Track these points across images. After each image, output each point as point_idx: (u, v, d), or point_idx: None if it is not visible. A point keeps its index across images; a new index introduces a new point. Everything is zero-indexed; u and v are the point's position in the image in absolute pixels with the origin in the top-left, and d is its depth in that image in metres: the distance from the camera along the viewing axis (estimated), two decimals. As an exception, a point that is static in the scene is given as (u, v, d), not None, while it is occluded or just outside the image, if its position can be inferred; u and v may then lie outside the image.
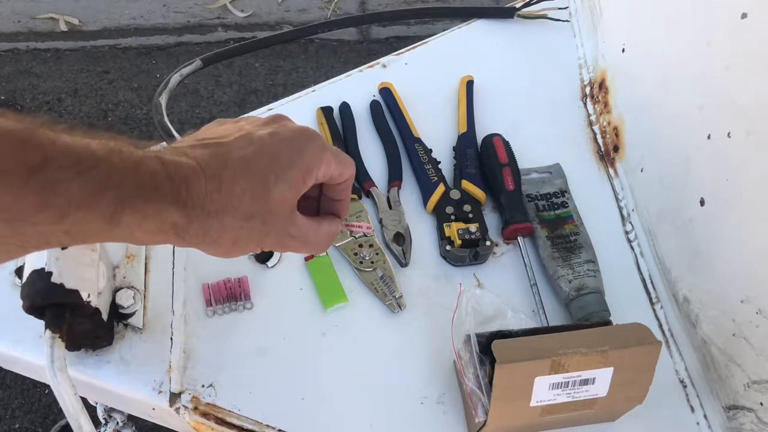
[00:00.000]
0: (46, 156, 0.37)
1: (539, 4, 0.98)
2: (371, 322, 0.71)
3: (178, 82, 0.83)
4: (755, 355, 0.61)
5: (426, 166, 0.80)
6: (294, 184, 0.47)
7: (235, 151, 0.45)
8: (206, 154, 0.44)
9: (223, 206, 0.44)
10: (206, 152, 0.44)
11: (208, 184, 0.43)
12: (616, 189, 0.82)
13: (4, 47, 2.12)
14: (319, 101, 0.86)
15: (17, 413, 1.45)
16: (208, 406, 0.64)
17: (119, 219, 0.40)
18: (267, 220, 0.46)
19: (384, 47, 2.15)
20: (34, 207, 0.37)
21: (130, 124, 1.94)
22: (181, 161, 0.43)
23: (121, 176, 0.40)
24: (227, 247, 0.47)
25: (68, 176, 0.38)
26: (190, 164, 0.43)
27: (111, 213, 0.39)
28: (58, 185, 0.37)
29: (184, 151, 0.44)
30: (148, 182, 0.41)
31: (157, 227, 0.42)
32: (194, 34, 2.19)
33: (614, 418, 0.65)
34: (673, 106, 0.74)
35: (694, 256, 0.69)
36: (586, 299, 0.70)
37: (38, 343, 0.58)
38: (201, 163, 0.43)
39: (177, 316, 0.68)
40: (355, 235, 0.75)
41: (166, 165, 0.42)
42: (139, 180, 0.40)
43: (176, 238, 0.44)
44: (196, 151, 0.44)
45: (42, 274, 0.56)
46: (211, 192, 0.43)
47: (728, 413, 0.65)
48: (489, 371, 0.58)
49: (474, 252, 0.74)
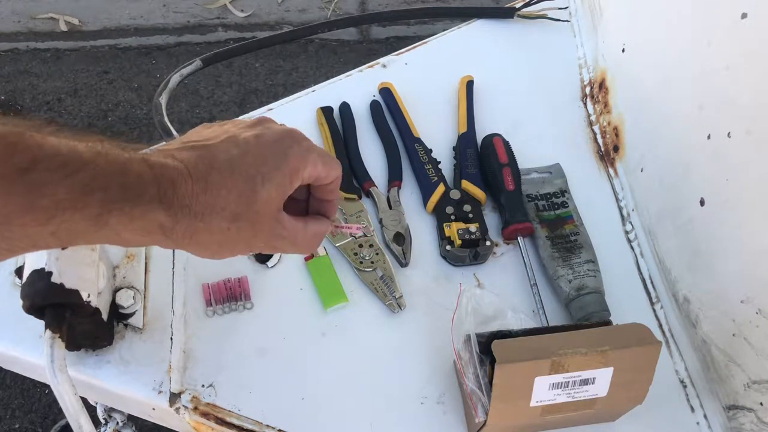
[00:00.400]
0: (33, 158, 0.37)
1: (539, 4, 0.98)
2: (371, 322, 0.71)
3: (178, 83, 0.83)
4: (755, 355, 0.61)
5: (426, 166, 0.80)
6: (280, 184, 0.47)
7: (221, 154, 0.46)
8: (193, 157, 0.45)
9: (209, 207, 0.44)
10: (192, 154, 0.45)
11: (194, 185, 0.44)
12: (616, 189, 0.82)
13: (4, 47, 2.12)
14: (319, 101, 0.86)
15: (17, 413, 1.45)
16: (208, 406, 0.64)
17: (106, 220, 0.40)
18: (254, 221, 0.47)
19: (384, 47, 2.15)
20: (22, 209, 0.37)
21: (130, 124, 1.94)
22: (167, 163, 0.43)
23: (107, 178, 0.40)
24: (214, 248, 0.47)
25: (55, 178, 0.38)
26: (177, 166, 0.43)
27: (97, 214, 0.40)
28: (45, 187, 0.38)
29: (171, 153, 0.45)
30: (135, 184, 0.41)
31: (143, 228, 0.42)
32: (194, 34, 2.19)
33: (614, 418, 0.65)
34: (673, 106, 0.74)
35: (694, 256, 0.69)
36: (586, 299, 0.70)
37: (38, 343, 0.58)
38: (188, 165, 0.44)
39: (177, 316, 0.68)
40: (355, 236, 0.75)
41: (152, 167, 0.42)
42: (126, 182, 0.41)
43: (163, 239, 0.44)
44: (182, 154, 0.45)
45: (42, 274, 0.56)
46: (197, 193, 0.44)
47: (728, 413, 0.65)
48: (489, 371, 0.58)
49: (474, 252, 0.74)
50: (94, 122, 1.94)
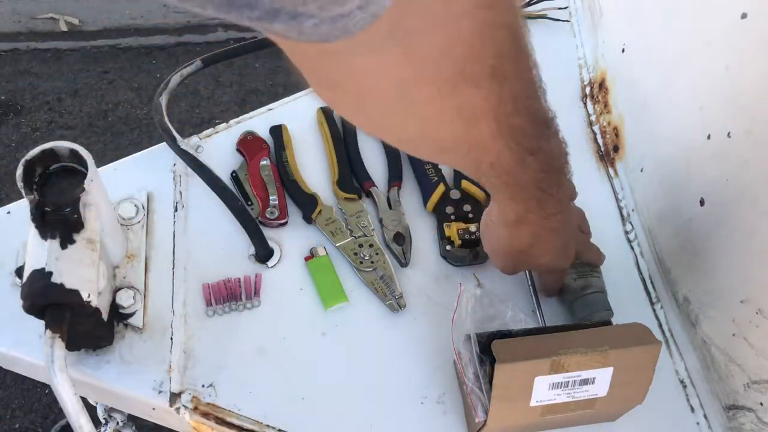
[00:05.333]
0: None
1: (539, 4, 0.97)
2: (371, 322, 0.71)
3: (178, 83, 0.83)
4: (755, 355, 0.61)
5: (426, 166, 0.80)
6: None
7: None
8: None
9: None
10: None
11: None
12: (616, 189, 0.82)
13: (4, 47, 2.12)
14: (319, 101, 0.86)
15: (17, 413, 1.46)
16: (208, 406, 0.64)
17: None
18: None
19: (384, 47, 2.14)
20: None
21: (130, 124, 1.94)
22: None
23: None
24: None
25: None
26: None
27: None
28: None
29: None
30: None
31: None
32: (194, 34, 2.19)
33: (614, 418, 0.65)
34: (673, 106, 0.74)
35: (694, 256, 0.69)
36: (590, 298, 0.70)
37: (38, 343, 0.58)
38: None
39: (177, 316, 0.68)
40: (355, 235, 0.75)
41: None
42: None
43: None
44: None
45: (42, 274, 0.56)
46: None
47: (728, 413, 0.65)
48: (489, 371, 0.58)
49: (474, 252, 0.74)
50: (94, 122, 1.94)
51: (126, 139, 1.90)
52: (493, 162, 0.50)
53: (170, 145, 0.78)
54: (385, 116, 0.48)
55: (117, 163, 0.79)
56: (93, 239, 0.60)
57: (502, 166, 0.51)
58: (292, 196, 0.78)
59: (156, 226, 0.74)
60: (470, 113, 0.45)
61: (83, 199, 0.60)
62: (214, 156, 0.80)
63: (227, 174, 0.79)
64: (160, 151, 0.79)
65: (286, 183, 0.78)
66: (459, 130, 0.47)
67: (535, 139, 0.51)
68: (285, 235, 0.75)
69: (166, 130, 0.79)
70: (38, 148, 0.62)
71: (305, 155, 0.82)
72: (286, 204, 0.77)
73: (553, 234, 0.61)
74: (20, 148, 1.87)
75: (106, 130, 1.92)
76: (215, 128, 0.84)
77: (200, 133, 0.83)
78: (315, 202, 0.77)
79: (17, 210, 0.73)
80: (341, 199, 0.78)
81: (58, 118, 1.94)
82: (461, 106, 0.45)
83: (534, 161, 0.52)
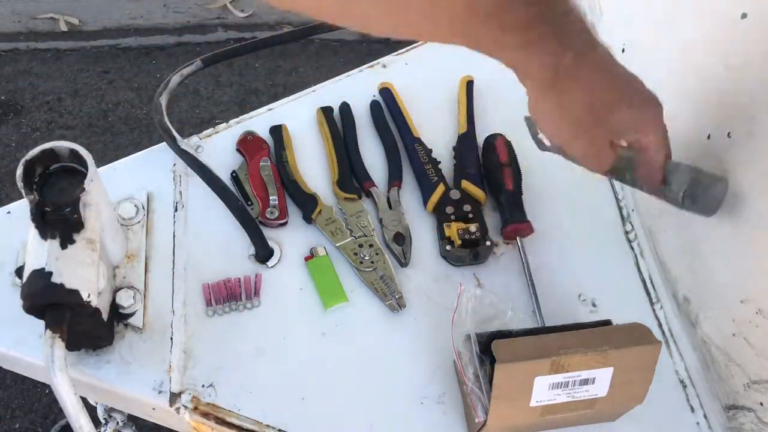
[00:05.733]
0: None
1: (539, 4, 0.97)
2: (371, 322, 0.71)
3: (178, 83, 0.83)
4: (755, 355, 0.61)
5: (426, 166, 0.80)
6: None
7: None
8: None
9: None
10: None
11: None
12: (616, 189, 0.82)
13: (4, 47, 2.12)
14: (319, 101, 0.86)
15: (17, 413, 1.45)
16: (208, 406, 0.64)
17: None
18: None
19: (384, 47, 2.14)
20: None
21: (130, 124, 1.94)
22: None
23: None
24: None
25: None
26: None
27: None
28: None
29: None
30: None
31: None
32: (194, 34, 2.19)
33: (614, 418, 0.65)
34: (673, 106, 0.74)
35: (694, 256, 0.69)
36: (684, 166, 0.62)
37: (38, 343, 0.58)
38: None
39: (177, 316, 0.68)
40: (355, 235, 0.75)
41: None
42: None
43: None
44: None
45: (42, 274, 0.56)
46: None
47: (728, 413, 0.65)
48: (489, 371, 0.58)
49: (474, 252, 0.74)
50: (94, 122, 1.94)
51: (126, 139, 1.90)
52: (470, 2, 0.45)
53: (170, 145, 0.78)
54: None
55: (117, 163, 0.79)
56: (93, 239, 0.60)
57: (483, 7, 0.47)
58: (292, 196, 0.78)
59: (156, 226, 0.74)
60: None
61: (83, 199, 0.60)
62: (214, 156, 0.80)
63: (227, 174, 0.79)
64: (160, 151, 0.80)
65: (286, 183, 0.78)
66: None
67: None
68: (285, 235, 0.76)
69: (166, 130, 0.79)
70: (38, 148, 0.62)
71: (305, 155, 0.82)
72: (286, 204, 0.77)
73: (605, 72, 0.53)
74: (20, 148, 1.87)
75: (106, 130, 1.92)
76: (215, 128, 0.84)
77: (200, 133, 0.83)
78: (315, 202, 0.77)
79: (17, 210, 0.73)
80: (341, 199, 0.78)
81: (58, 118, 1.94)
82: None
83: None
